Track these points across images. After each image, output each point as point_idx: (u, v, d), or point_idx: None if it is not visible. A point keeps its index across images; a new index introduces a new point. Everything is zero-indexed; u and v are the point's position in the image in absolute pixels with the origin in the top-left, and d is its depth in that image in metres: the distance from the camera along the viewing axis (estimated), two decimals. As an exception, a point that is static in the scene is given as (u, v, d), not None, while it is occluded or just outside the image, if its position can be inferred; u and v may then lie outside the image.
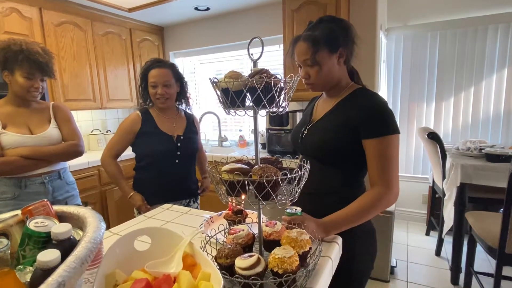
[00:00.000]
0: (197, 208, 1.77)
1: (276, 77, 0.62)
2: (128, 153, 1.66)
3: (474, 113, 2.77)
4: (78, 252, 0.49)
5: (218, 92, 0.67)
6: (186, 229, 1.08)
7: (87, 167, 2.43)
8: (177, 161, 1.61)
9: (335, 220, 0.92)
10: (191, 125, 1.72)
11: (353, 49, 1.01)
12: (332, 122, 1.01)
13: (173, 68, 1.61)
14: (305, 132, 1.08)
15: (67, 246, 0.52)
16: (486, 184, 1.94)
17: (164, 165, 1.58)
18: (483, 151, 2.10)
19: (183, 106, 1.75)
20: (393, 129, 0.92)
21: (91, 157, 2.58)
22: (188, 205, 1.68)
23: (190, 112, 1.79)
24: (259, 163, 0.72)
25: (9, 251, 0.49)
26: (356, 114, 0.95)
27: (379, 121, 0.93)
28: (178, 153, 1.60)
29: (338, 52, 0.98)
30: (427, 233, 2.88)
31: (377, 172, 0.93)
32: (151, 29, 3.27)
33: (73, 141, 1.57)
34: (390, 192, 0.92)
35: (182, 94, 1.70)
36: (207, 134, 3.39)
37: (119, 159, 2.52)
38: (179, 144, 1.60)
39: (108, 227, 1.10)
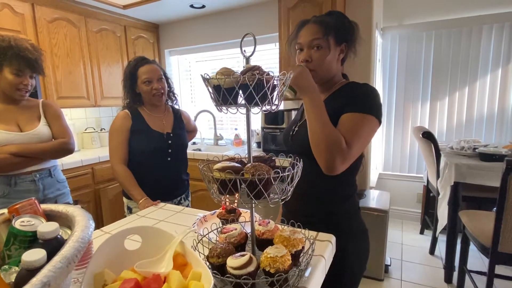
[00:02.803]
0: (188, 206, 1.75)
1: (268, 74, 0.61)
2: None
3: (468, 113, 2.79)
4: (64, 251, 0.48)
5: (210, 89, 0.66)
6: (178, 228, 1.06)
7: (81, 165, 2.41)
8: (169, 158, 1.59)
9: (317, 96, 0.89)
10: (179, 120, 1.71)
11: (354, 49, 1.01)
12: None
13: (158, 64, 1.60)
14: (296, 129, 1.07)
15: (54, 246, 0.51)
16: (480, 183, 1.95)
17: (156, 163, 1.56)
18: (477, 150, 2.11)
19: (170, 102, 1.74)
20: (374, 112, 0.90)
21: (85, 155, 2.56)
22: (179, 203, 1.67)
23: (178, 107, 1.77)
24: (251, 162, 0.71)
25: (-7, 251, 0.47)
26: (343, 101, 0.94)
27: (361, 100, 0.92)
28: (170, 150, 1.59)
29: (342, 46, 0.98)
30: (421, 232, 2.89)
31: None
32: (146, 26, 3.24)
33: (63, 138, 1.55)
34: (347, 150, 0.85)
35: (168, 90, 1.68)
36: (203, 132, 3.37)
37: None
38: (170, 142, 1.59)
39: (101, 226, 1.09)
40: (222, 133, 3.29)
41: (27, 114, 1.49)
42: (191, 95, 3.57)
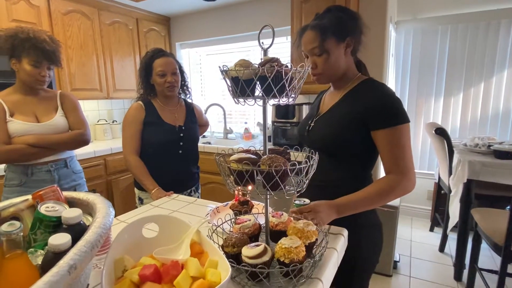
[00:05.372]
0: (198, 198, 1.77)
1: (286, 66, 0.61)
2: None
3: (483, 109, 2.73)
4: (88, 236, 0.49)
5: (228, 81, 0.67)
6: (192, 218, 1.08)
7: (94, 156, 2.45)
8: (180, 151, 1.61)
9: (349, 201, 0.91)
10: (191, 114, 1.72)
11: (360, 40, 1.00)
12: (339, 114, 1.00)
13: (174, 57, 1.61)
14: (312, 124, 1.07)
15: (77, 231, 0.53)
16: (494, 181, 1.91)
17: (167, 156, 1.58)
18: (491, 147, 2.07)
19: (183, 96, 1.75)
20: (403, 119, 0.91)
21: (97, 146, 2.60)
22: (189, 195, 1.69)
23: (190, 101, 1.78)
24: (267, 153, 0.72)
25: (22, 234, 0.49)
26: (364, 106, 0.93)
27: (388, 111, 0.91)
28: (181, 143, 1.61)
29: (346, 41, 0.97)
30: (431, 229, 2.87)
31: (391, 162, 0.91)
32: (157, 19, 3.26)
33: (79, 130, 1.58)
34: (406, 178, 0.90)
35: (183, 83, 1.69)
36: (212, 126, 3.39)
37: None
38: (181, 135, 1.60)
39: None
40: (232, 126, 3.30)
41: (44, 105, 1.53)
42: (201, 88, 3.58)
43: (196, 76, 3.58)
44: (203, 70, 3.54)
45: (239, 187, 0.69)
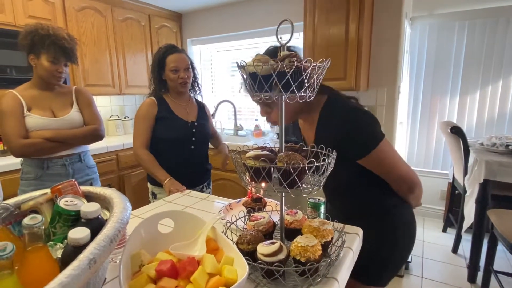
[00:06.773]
0: (209, 194, 1.78)
1: (306, 61, 0.60)
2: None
3: (501, 108, 2.65)
4: (107, 231, 0.50)
5: (245, 77, 0.66)
6: (205, 214, 1.08)
7: (106, 151, 2.48)
8: (192, 147, 1.61)
9: None
10: (203, 111, 1.73)
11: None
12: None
13: (186, 53, 1.61)
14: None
15: (95, 225, 0.53)
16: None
17: (180, 151, 1.59)
18: (509, 147, 2.01)
19: (193, 92, 1.74)
20: (375, 141, 0.88)
21: (110, 142, 2.63)
22: (200, 191, 1.69)
23: (201, 98, 1.80)
24: (283, 151, 0.71)
25: (43, 227, 0.50)
26: (335, 141, 0.84)
27: (361, 140, 0.89)
28: (193, 139, 1.61)
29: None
30: (444, 230, 2.81)
31: (386, 179, 0.95)
32: (169, 15, 3.26)
33: (94, 125, 1.60)
34: (406, 189, 0.96)
35: (193, 80, 1.69)
36: (223, 123, 3.39)
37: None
38: (194, 130, 1.61)
39: (127, 210, 1.12)
40: (242, 123, 3.29)
41: (60, 100, 1.55)
42: (211, 85, 3.58)
43: (207, 73, 3.58)
44: (214, 66, 3.54)
45: (254, 184, 0.68)
